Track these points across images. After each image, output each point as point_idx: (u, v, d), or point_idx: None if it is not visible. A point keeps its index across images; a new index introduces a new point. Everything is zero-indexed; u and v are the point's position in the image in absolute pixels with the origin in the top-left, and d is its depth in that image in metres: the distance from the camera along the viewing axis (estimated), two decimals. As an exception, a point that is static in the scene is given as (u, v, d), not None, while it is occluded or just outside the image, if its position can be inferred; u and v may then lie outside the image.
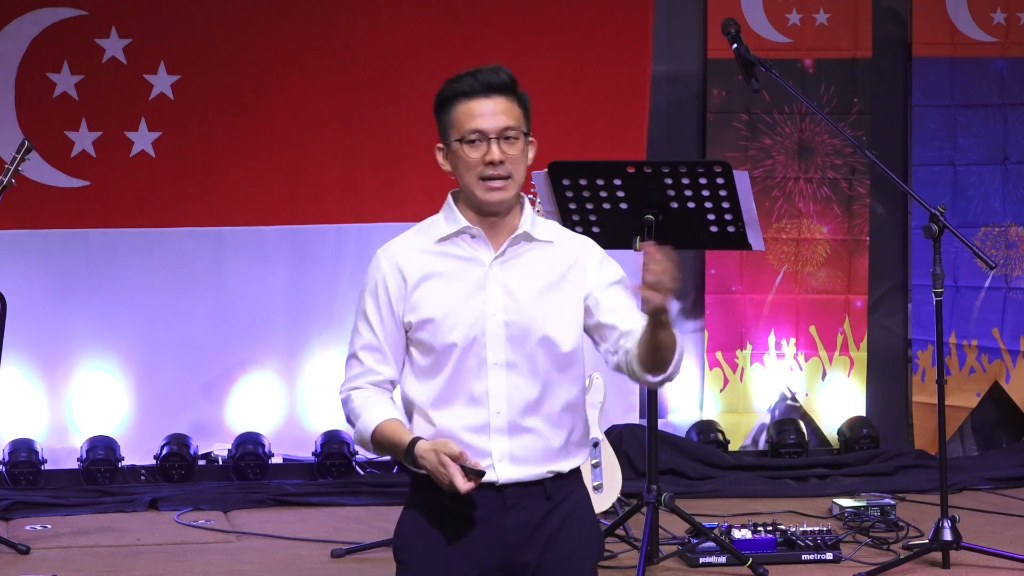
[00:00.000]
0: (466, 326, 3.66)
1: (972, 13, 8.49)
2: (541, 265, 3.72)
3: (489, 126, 3.68)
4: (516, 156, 3.69)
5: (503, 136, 3.69)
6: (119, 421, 7.91)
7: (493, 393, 3.67)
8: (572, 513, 3.72)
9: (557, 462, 3.71)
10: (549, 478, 3.69)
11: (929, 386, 8.47)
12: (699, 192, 6.14)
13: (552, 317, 3.68)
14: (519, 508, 3.67)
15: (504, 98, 3.71)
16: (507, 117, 3.70)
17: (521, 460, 3.67)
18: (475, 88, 3.71)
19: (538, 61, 8.06)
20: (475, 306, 3.67)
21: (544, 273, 3.71)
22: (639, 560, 6.05)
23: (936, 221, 6.18)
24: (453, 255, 3.73)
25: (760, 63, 6.41)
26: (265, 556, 6.66)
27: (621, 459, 7.16)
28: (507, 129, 3.69)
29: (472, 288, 3.69)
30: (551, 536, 3.68)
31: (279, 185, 7.98)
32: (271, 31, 7.91)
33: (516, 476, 3.67)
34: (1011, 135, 8.53)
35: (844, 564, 6.40)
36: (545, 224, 3.80)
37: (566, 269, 3.72)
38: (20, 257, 7.77)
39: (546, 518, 3.69)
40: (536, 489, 3.68)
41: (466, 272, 3.70)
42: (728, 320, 8.41)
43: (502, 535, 3.67)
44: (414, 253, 3.75)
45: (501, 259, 3.71)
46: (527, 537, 3.67)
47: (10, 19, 7.75)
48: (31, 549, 6.65)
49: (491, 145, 3.67)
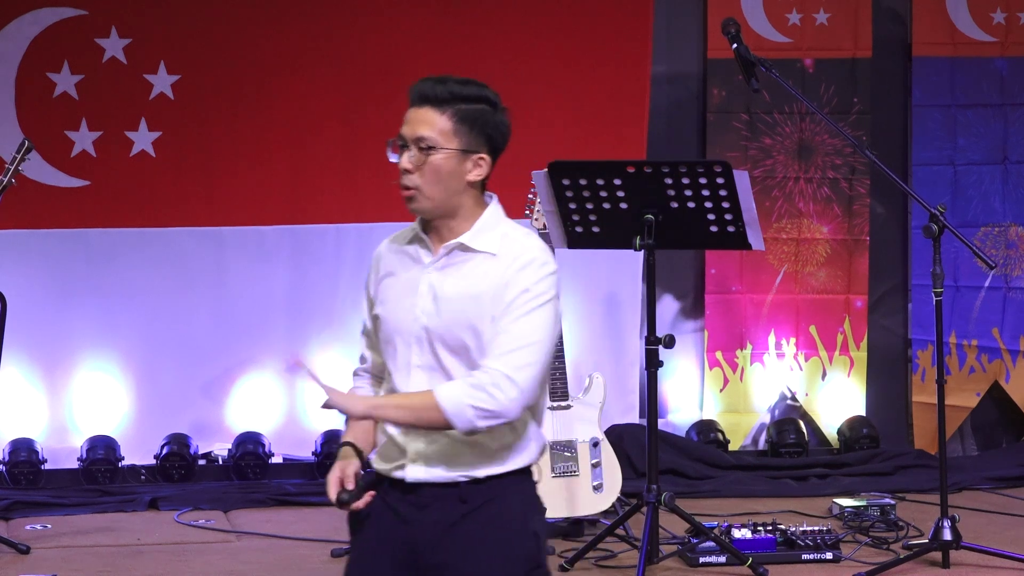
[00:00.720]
0: (396, 327, 3.72)
1: (972, 13, 8.50)
2: (474, 276, 3.70)
3: (406, 132, 3.71)
4: (427, 169, 3.67)
5: (417, 146, 3.68)
6: (119, 421, 7.91)
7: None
8: (492, 520, 3.69)
9: (472, 467, 3.69)
10: (464, 481, 3.69)
11: (929, 386, 8.47)
12: (699, 192, 6.14)
13: (470, 328, 3.66)
14: (432, 508, 3.69)
15: (433, 109, 3.72)
16: (425, 127, 3.69)
17: (436, 462, 3.69)
18: (413, 97, 3.76)
19: (538, 61, 8.07)
20: (406, 308, 3.72)
21: (475, 284, 3.69)
22: (639, 560, 6.05)
23: (936, 221, 6.19)
24: (407, 255, 3.78)
25: (760, 63, 6.42)
26: (265, 556, 6.66)
27: (621, 459, 7.16)
28: (420, 139, 3.69)
29: (407, 290, 3.73)
30: (466, 540, 3.68)
31: (279, 185, 7.98)
32: (271, 31, 7.91)
33: (426, 477, 3.69)
34: (1011, 135, 8.53)
35: (844, 564, 6.41)
36: (500, 235, 3.78)
37: (498, 284, 3.69)
38: (20, 257, 7.77)
39: (461, 521, 3.68)
40: (451, 491, 3.69)
41: (407, 273, 3.75)
42: (728, 320, 8.41)
43: (415, 533, 3.70)
44: (391, 248, 3.83)
45: (437, 265, 3.73)
46: (439, 538, 3.68)
47: (10, 19, 7.76)
48: (31, 549, 6.65)
49: (402, 151, 3.70)
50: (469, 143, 3.71)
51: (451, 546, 3.67)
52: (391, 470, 3.72)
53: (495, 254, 3.72)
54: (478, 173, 3.73)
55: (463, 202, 3.73)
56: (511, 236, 3.77)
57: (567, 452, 6.88)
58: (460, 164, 3.70)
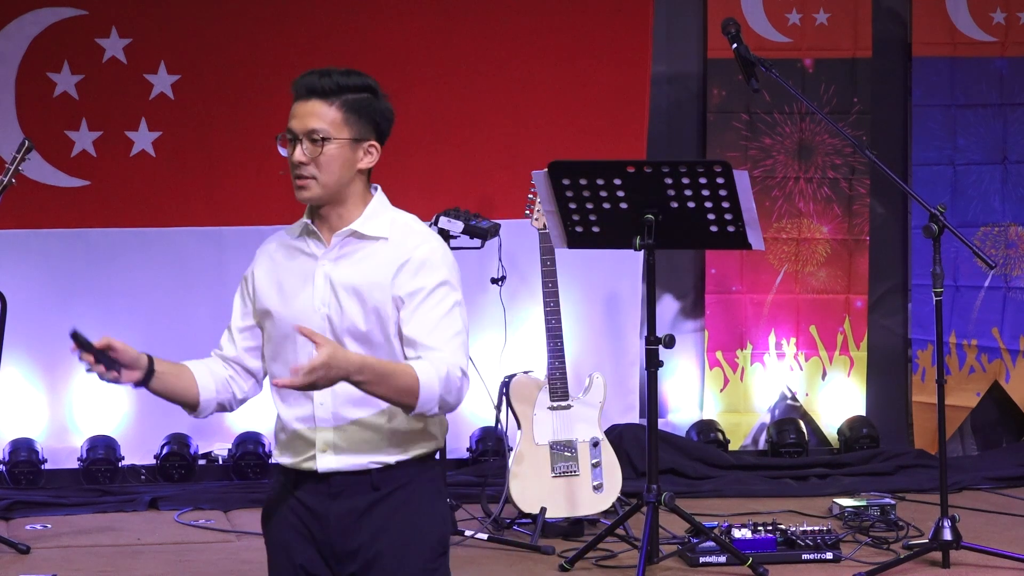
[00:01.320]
0: (292, 318, 3.75)
1: (972, 13, 8.50)
2: (370, 262, 3.76)
3: (297, 127, 3.75)
4: (322, 160, 3.73)
5: (309, 138, 3.73)
6: (119, 421, 7.91)
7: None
8: (404, 505, 3.76)
9: (382, 453, 3.75)
10: (376, 468, 3.75)
11: (929, 386, 8.47)
12: (699, 192, 6.14)
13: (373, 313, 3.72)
14: (344, 496, 3.75)
15: (321, 102, 3.75)
16: (316, 120, 3.74)
17: (344, 450, 3.75)
18: (299, 91, 3.79)
19: (538, 61, 8.07)
20: (303, 300, 3.77)
21: (370, 270, 3.75)
22: (639, 560, 6.04)
23: (936, 221, 6.19)
24: (296, 249, 3.83)
25: (760, 63, 6.42)
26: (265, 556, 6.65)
27: (621, 459, 7.17)
28: (312, 132, 3.74)
29: (301, 282, 3.79)
30: (380, 525, 3.75)
31: (279, 185, 7.96)
32: (271, 31, 7.91)
33: (338, 466, 3.74)
34: (1011, 135, 8.54)
35: (844, 564, 6.41)
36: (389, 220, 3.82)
37: (394, 268, 3.74)
38: (20, 257, 7.77)
39: (373, 507, 3.75)
40: (362, 478, 3.75)
41: (300, 267, 3.80)
42: (728, 320, 8.41)
43: (327, 522, 3.75)
44: (276, 246, 3.88)
45: (331, 255, 3.78)
46: (352, 524, 3.75)
47: (10, 19, 7.76)
48: (31, 549, 6.65)
49: (295, 146, 3.75)
50: (359, 132, 3.78)
51: (364, 531, 3.74)
52: (300, 462, 3.78)
53: (387, 238, 3.78)
54: (368, 160, 3.80)
55: (353, 190, 3.80)
56: (399, 221, 3.83)
57: (567, 452, 6.88)
58: (352, 153, 3.77)
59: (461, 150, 7.92)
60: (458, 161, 7.98)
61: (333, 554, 3.76)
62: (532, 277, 7.16)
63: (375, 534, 3.74)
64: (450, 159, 8.04)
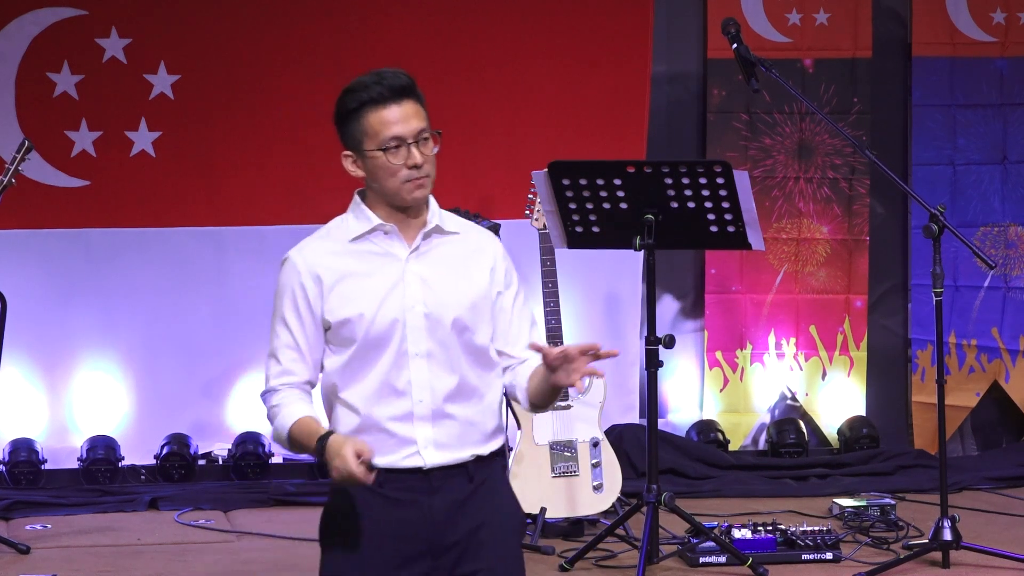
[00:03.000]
0: (387, 320, 3.76)
1: (972, 13, 8.50)
2: (452, 255, 3.84)
3: (406, 132, 3.78)
4: (431, 156, 3.81)
5: (420, 138, 3.78)
6: (119, 421, 7.91)
7: (416, 383, 3.77)
8: (494, 494, 3.84)
9: (479, 446, 3.82)
10: (471, 460, 3.81)
11: (929, 386, 8.47)
12: (699, 192, 6.14)
13: (466, 305, 3.80)
14: (444, 489, 3.78)
15: (411, 100, 3.82)
16: (418, 120, 3.80)
17: (445, 445, 3.78)
18: (384, 95, 3.82)
19: (538, 61, 8.07)
20: (394, 300, 3.77)
21: (455, 263, 3.83)
22: (639, 560, 6.05)
23: (936, 221, 6.19)
24: (368, 252, 3.83)
25: (760, 63, 6.42)
26: (265, 556, 6.66)
27: (621, 459, 7.17)
28: (422, 132, 3.79)
29: (390, 283, 3.79)
30: (475, 515, 3.80)
31: (279, 185, 7.98)
32: (271, 31, 7.91)
33: (441, 461, 3.78)
34: (1011, 135, 8.53)
35: (844, 564, 6.41)
36: (449, 216, 3.91)
37: (476, 258, 3.85)
38: (20, 257, 7.77)
39: (470, 497, 3.80)
40: (460, 471, 3.80)
41: (383, 267, 3.81)
42: (728, 320, 8.41)
43: (430, 516, 3.77)
44: (327, 255, 3.86)
45: (416, 253, 3.82)
46: (453, 516, 3.78)
47: (10, 19, 7.76)
48: (31, 549, 6.65)
49: (411, 149, 3.78)
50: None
51: (465, 522, 3.78)
52: (398, 460, 3.77)
53: (459, 233, 3.89)
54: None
55: None
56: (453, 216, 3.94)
57: (567, 452, 6.88)
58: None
59: (461, 150, 7.92)
60: (458, 161, 7.97)
61: (431, 549, 3.78)
62: (532, 277, 7.15)
63: (476, 523, 3.79)
64: (450, 159, 7.99)
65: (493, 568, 3.80)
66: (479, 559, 3.79)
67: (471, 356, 3.81)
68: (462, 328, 3.78)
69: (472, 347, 3.80)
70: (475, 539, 3.78)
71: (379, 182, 3.82)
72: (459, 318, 3.77)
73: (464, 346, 3.79)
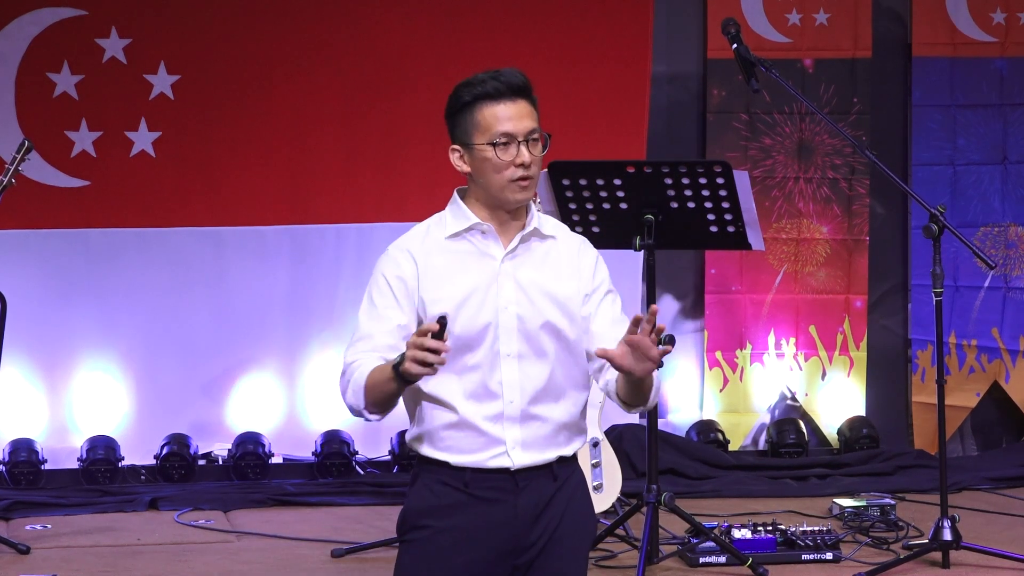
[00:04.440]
0: (481, 319, 3.78)
1: (972, 13, 8.50)
2: (548, 259, 3.86)
3: (518, 129, 3.79)
4: (539, 158, 3.82)
5: (530, 138, 3.79)
6: (119, 421, 7.91)
7: (507, 383, 3.79)
8: (574, 494, 3.88)
9: (563, 447, 3.86)
10: (555, 461, 3.84)
11: (929, 386, 8.47)
12: (699, 192, 6.14)
13: (559, 309, 3.83)
14: (530, 489, 3.81)
15: (526, 101, 3.83)
16: (531, 120, 3.81)
17: (532, 446, 3.81)
18: (500, 91, 3.81)
19: (538, 61, 8.05)
20: (489, 300, 3.79)
21: (551, 267, 3.85)
22: (639, 560, 6.05)
23: (936, 221, 6.19)
24: (464, 250, 3.84)
25: (760, 63, 6.42)
26: (265, 556, 6.66)
27: (621, 459, 7.16)
28: (532, 131, 3.80)
29: (485, 282, 3.80)
30: (556, 515, 3.84)
31: (279, 185, 7.98)
32: (271, 31, 7.91)
33: (528, 461, 3.80)
34: (1011, 135, 8.53)
35: (844, 564, 6.41)
36: (547, 220, 3.94)
37: (569, 262, 3.89)
38: (20, 257, 7.77)
39: (553, 498, 3.83)
40: (545, 471, 3.83)
41: (478, 266, 3.82)
42: (728, 320, 8.41)
43: (515, 514, 3.81)
44: (427, 249, 3.84)
45: (512, 254, 3.83)
46: (537, 516, 3.81)
47: (10, 19, 7.76)
48: (31, 549, 6.65)
49: (520, 148, 3.78)
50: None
51: (546, 520, 3.82)
52: (486, 460, 3.79)
53: (556, 237, 3.90)
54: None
55: None
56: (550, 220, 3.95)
57: (567, 452, 6.87)
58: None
59: (461, 150, 7.91)
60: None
61: (514, 549, 3.80)
62: (532, 277, 7.15)
63: (556, 521, 3.82)
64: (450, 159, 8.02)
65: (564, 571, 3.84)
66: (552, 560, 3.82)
67: (560, 358, 3.83)
68: (553, 330, 3.81)
69: (562, 349, 3.83)
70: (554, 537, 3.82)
71: (485, 178, 3.81)
72: (550, 321, 3.80)
73: (558, 348, 3.81)
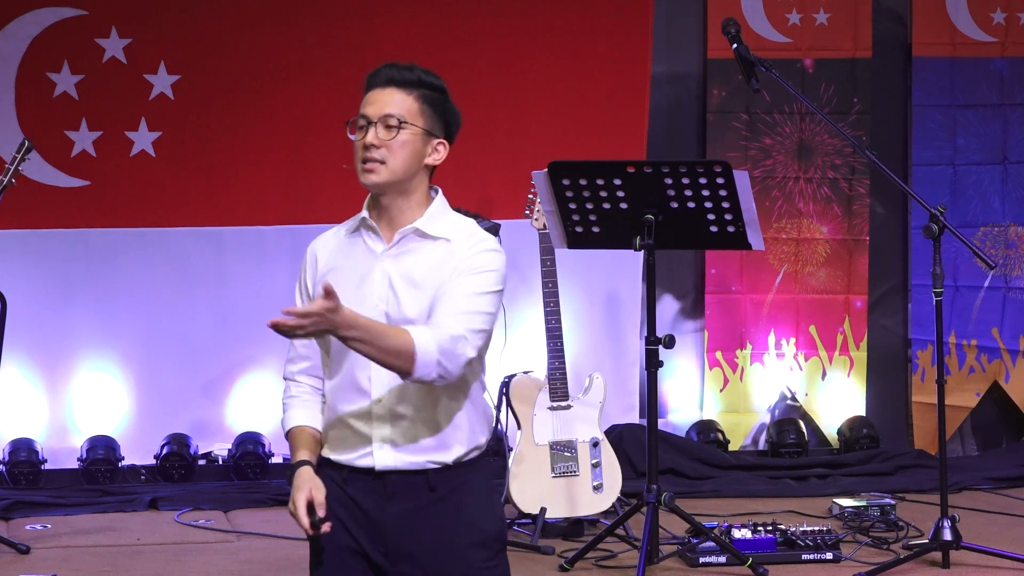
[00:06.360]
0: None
1: (972, 13, 8.50)
2: (429, 261, 3.75)
3: (371, 112, 3.77)
4: (394, 144, 3.75)
5: (384, 123, 3.75)
6: (119, 421, 7.92)
7: (375, 381, 3.72)
8: (463, 506, 3.74)
9: (438, 452, 3.74)
10: (433, 469, 3.73)
11: (929, 386, 8.47)
12: (699, 192, 6.14)
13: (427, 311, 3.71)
14: (400, 496, 3.72)
15: (400, 90, 3.79)
16: (393, 106, 3.76)
17: (401, 448, 3.72)
18: (376, 80, 3.81)
19: (538, 61, 8.07)
20: (361, 297, 3.73)
21: (431, 269, 3.74)
22: (639, 560, 6.04)
23: (936, 221, 6.19)
24: (353, 247, 3.81)
25: (760, 63, 6.42)
26: (265, 556, 6.66)
27: (621, 459, 7.17)
28: (387, 116, 3.76)
29: (360, 279, 3.76)
30: (438, 526, 3.72)
31: (279, 185, 7.99)
32: (271, 31, 7.91)
33: (394, 463, 3.72)
34: (1011, 135, 8.54)
35: (844, 564, 6.41)
36: (451, 222, 3.82)
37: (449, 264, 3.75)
38: (20, 257, 7.77)
39: (431, 508, 3.73)
40: (419, 479, 3.72)
41: (360, 264, 3.78)
42: (728, 320, 8.41)
43: (383, 521, 3.73)
44: (329, 245, 3.86)
45: (391, 252, 3.77)
46: (409, 526, 3.72)
47: (10, 19, 7.76)
48: (31, 549, 6.65)
49: (368, 129, 3.75)
50: (432, 126, 3.82)
51: (422, 533, 3.71)
52: (354, 459, 3.74)
53: (449, 240, 3.78)
54: (436, 157, 3.84)
55: (418, 185, 3.82)
56: (461, 225, 3.83)
57: (567, 452, 6.88)
58: (424, 145, 3.81)
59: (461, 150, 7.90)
60: (458, 161, 7.94)
61: (386, 553, 3.73)
62: (532, 277, 7.16)
63: (434, 535, 3.71)
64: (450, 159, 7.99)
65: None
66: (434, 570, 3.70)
67: None
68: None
69: None
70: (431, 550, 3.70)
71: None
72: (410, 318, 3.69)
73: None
